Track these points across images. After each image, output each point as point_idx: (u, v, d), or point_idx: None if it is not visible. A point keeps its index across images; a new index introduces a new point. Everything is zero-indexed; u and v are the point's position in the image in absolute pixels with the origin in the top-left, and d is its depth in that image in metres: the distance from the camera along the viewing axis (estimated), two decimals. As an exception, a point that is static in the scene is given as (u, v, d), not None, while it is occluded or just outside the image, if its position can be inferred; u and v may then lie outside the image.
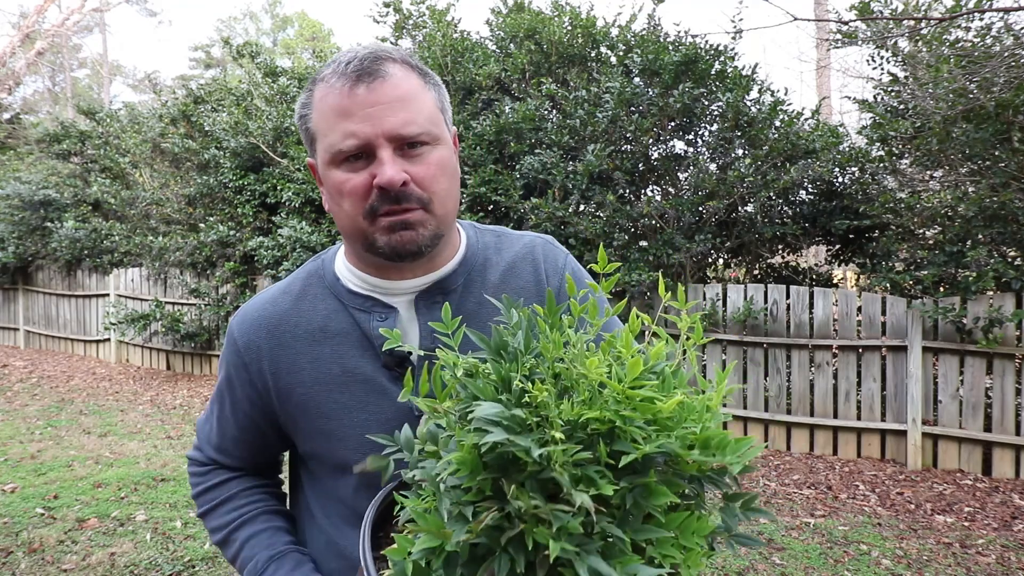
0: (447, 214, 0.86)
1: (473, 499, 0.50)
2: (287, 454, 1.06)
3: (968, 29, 5.10)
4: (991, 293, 4.54)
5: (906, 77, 5.43)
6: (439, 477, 0.51)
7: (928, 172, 5.56)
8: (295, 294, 0.94)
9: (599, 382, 0.51)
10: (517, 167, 6.14)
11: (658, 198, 6.15)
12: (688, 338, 0.59)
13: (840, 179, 6.02)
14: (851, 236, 6.01)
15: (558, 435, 0.47)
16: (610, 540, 0.48)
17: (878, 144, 5.59)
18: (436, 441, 0.57)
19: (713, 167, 5.99)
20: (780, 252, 6.60)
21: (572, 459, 0.47)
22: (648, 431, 0.49)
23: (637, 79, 6.16)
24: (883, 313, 4.91)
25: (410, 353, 0.88)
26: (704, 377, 0.57)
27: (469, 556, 0.50)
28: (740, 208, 5.89)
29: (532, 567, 0.48)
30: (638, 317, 0.59)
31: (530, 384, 0.51)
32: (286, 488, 1.07)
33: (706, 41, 6.07)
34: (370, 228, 0.83)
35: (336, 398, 0.89)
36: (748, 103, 5.89)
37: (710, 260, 6.51)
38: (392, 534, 0.63)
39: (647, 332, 0.63)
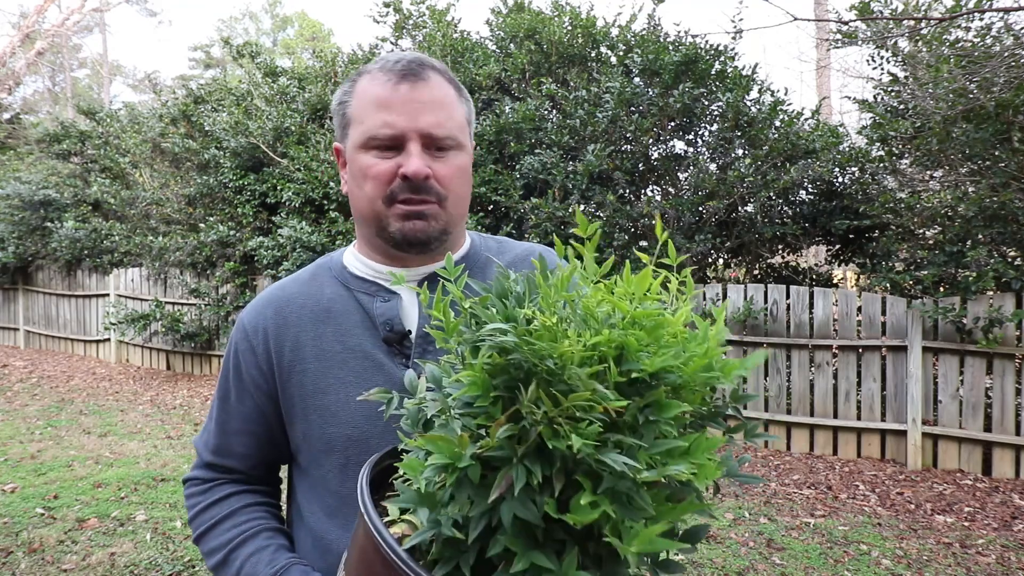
0: (458, 214, 0.93)
1: (484, 422, 0.51)
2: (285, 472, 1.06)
3: (968, 29, 5.10)
4: (991, 293, 4.54)
5: (906, 77, 5.43)
6: (450, 398, 0.52)
7: (928, 172, 5.57)
8: (304, 281, 0.99)
9: (604, 318, 0.52)
10: (517, 167, 6.14)
11: (658, 198, 6.15)
12: (681, 289, 0.61)
13: (840, 179, 6.02)
14: (851, 236, 6.02)
15: (571, 342, 0.48)
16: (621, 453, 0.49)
17: (878, 144, 5.60)
18: (440, 383, 0.58)
19: (713, 167, 5.99)
20: (780, 252, 6.60)
21: (587, 372, 0.47)
22: (656, 350, 0.50)
23: (637, 79, 6.16)
24: (883, 313, 4.91)
25: (410, 332, 0.93)
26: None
27: (482, 481, 0.49)
28: (740, 208, 5.90)
29: (548, 481, 0.48)
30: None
31: (537, 315, 0.52)
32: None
33: (706, 41, 6.08)
34: (386, 212, 0.89)
35: (335, 373, 0.91)
36: (748, 103, 5.90)
37: (710, 260, 6.51)
38: (389, 493, 0.62)
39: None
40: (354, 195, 0.92)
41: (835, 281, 7.48)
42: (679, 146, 6.53)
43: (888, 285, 5.03)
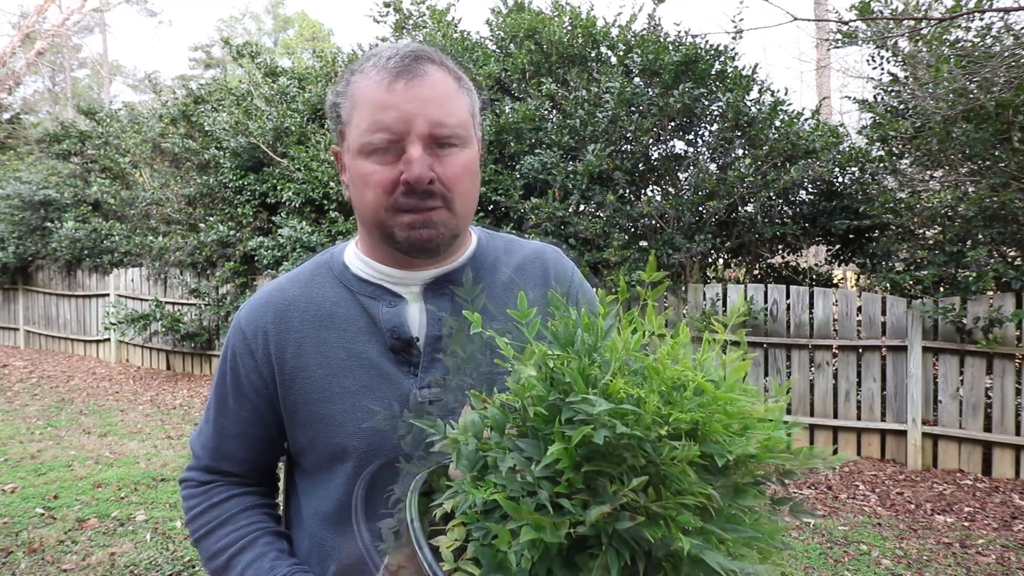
0: (466, 214, 0.89)
1: (564, 491, 0.50)
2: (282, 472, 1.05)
3: (968, 29, 5.10)
4: (991, 293, 4.54)
5: (906, 77, 5.43)
6: (534, 468, 0.51)
7: (928, 172, 5.56)
8: (303, 281, 0.95)
9: (675, 382, 0.52)
10: (517, 167, 6.14)
11: (658, 198, 6.15)
12: (733, 349, 0.60)
13: (840, 179, 6.01)
14: (851, 236, 6.01)
15: (662, 431, 0.47)
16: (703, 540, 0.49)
17: (878, 144, 5.59)
18: (501, 430, 0.57)
19: (713, 167, 5.99)
20: (780, 252, 6.59)
21: (686, 457, 0.47)
22: (731, 433, 0.50)
23: (637, 79, 6.16)
24: (883, 313, 4.91)
25: (416, 338, 0.90)
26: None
27: (558, 550, 0.49)
28: (740, 208, 5.89)
29: (634, 562, 0.48)
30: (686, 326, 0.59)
31: (614, 381, 0.51)
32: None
33: (706, 41, 6.08)
34: (391, 221, 0.84)
35: (340, 382, 0.88)
36: (748, 103, 5.89)
37: (710, 260, 6.50)
38: (431, 527, 0.60)
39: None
40: (356, 201, 0.88)
41: (835, 281, 7.47)
42: (679, 146, 6.52)
43: (888, 285, 5.03)
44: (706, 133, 6.24)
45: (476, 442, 0.58)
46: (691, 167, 6.08)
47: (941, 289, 4.85)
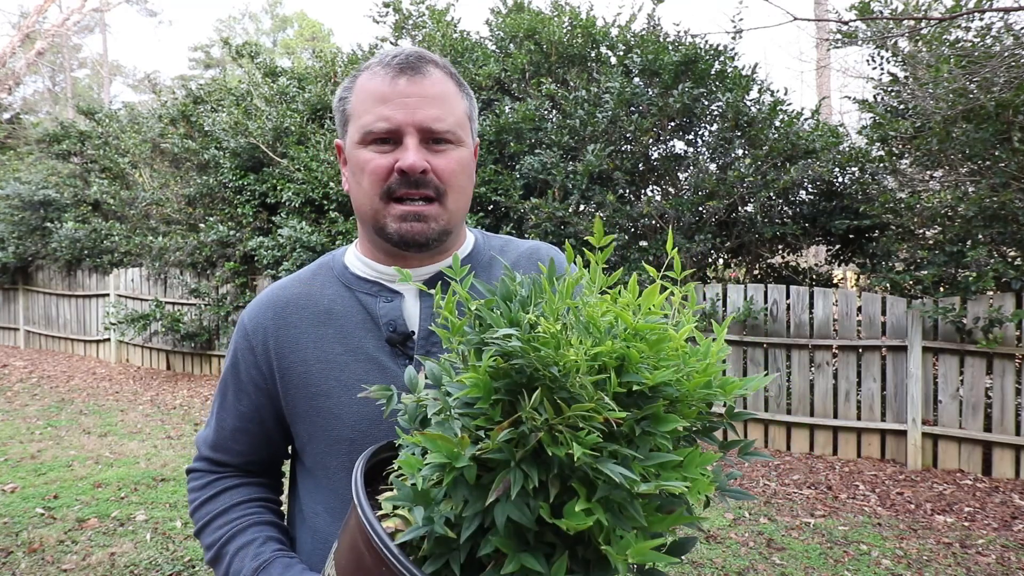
0: (458, 210, 0.92)
1: (484, 424, 0.51)
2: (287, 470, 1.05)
3: (968, 29, 5.10)
4: (991, 293, 4.54)
5: (906, 77, 5.43)
6: (451, 398, 0.52)
7: (928, 172, 5.56)
8: (305, 281, 0.99)
9: (607, 327, 0.52)
10: (517, 167, 6.14)
11: (658, 198, 6.15)
12: (684, 303, 0.61)
13: (840, 179, 6.02)
14: (851, 236, 6.01)
15: (574, 352, 0.48)
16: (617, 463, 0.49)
17: (878, 144, 5.59)
18: (440, 381, 0.58)
19: (713, 167, 5.99)
20: (780, 252, 6.59)
21: (590, 380, 0.48)
22: (656, 363, 0.51)
23: (637, 79, 6.16)
24: (883, 313, 4.91)
25: (413, 332, 0.92)
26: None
27: (477, 482, 0.50)
28: (740, 208, 5.89)
29: (543, 486, 0.49)
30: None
31: (539, 320, 0.52)
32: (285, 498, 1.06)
33: (706, 41, 6.08)
34: (384, 210, 0.88)
35: (337, 376, 0.90)
36: (748, 103, 5.89)
37: (710, 260, 6.50)
38: (382, 487, 0.62)
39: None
40: (353, 192, 0.92)
41: (835, 281, 7.47)
42: (679, 146, 6.52)
43: (888, 285, 5.03)
44: (706, 133, 6.24)
45: (416, 396, 0.60)
46: (691, 167, 6.08)
47: (941, 289, 4.85)
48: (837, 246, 6.34)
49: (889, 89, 5.63)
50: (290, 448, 1.03)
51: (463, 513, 0.50)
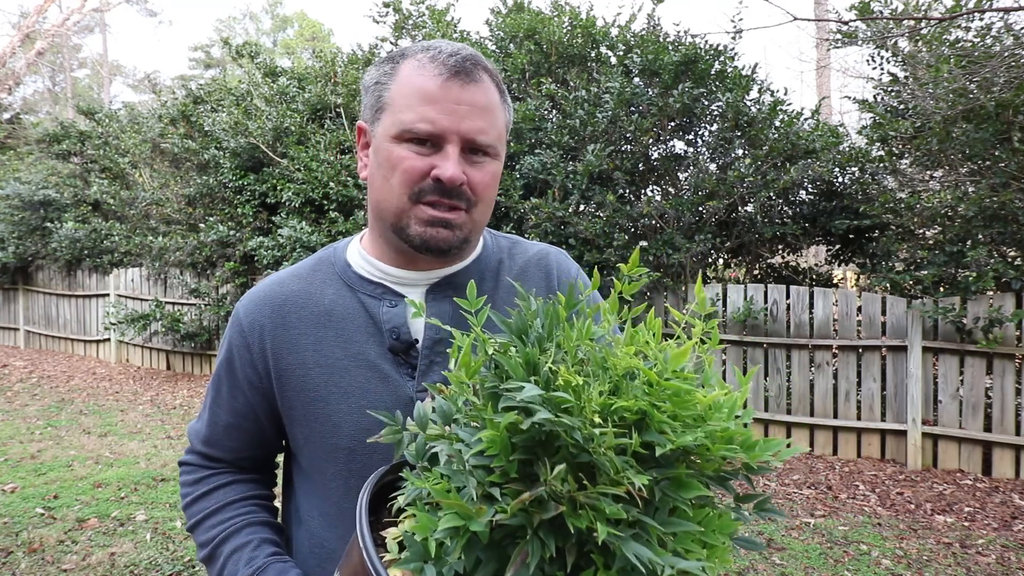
0: (483, 221, 0.90)
1: (498, 480, 0.49)
2: (281, 466, 1.04)
3: (968, 29, 5.10)
4: (991, 293, 4.54)
5: (906, 77, 5.43)
6: (465, 456, 0.50)
7: (928, 172, 5.56)
8: (304, 277, 0.94)
9: (626, 372, 0.50)
10: (517, 167, 6.14)
11: (658, 198, 6.15)
12: (704, 342, 0.58)
13: (840, 179, 6.02)
14: (851, 236, 6.01)
15: (598, 419, 0.46)
16: (638, 532, 0.47)
17: (878, 144, 5.60)
18: (448, 420, 0.56)
19: (713, 167, 5.99)
20: (780, 252, 6.60)
21: (613, 445, 0.46)
22: (677, 424, 0.48)
23: (637, 79, 6.16)
24: (883, 313, 4.91)
25: (416, 340, 0.89)
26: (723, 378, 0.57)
27: (490, 540, 0.48)
28: (740, 208, 5.89)
29: (560, 552, 0.47)
30: (656, 317, 0.58)
31: (558, 369, 0.50)
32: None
33: (706, 41, 6.08)
34: (410, 211, 0.84)
35: (336, 382, 0.87)
36: (748, 103, 5.89)
37: (710, 260, 6.50)
38: (386, 519, 0.61)
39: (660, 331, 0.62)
40: (376, 184, 0.87)
41: (835, 281, 7.47)
42: (679, 146, 6.52)
43: (888, 285, 5.03)
44: (706, 133, 6.24)
45: (423, 433, 0.58)
46: (691, 167, 6.08)
47: (941, 289, 4.86)
48: (837, 246, 6.34)
49: (889, 89, 5.63)
50: (284, 443, 1.01)
51: (475, 573, 0.48)
